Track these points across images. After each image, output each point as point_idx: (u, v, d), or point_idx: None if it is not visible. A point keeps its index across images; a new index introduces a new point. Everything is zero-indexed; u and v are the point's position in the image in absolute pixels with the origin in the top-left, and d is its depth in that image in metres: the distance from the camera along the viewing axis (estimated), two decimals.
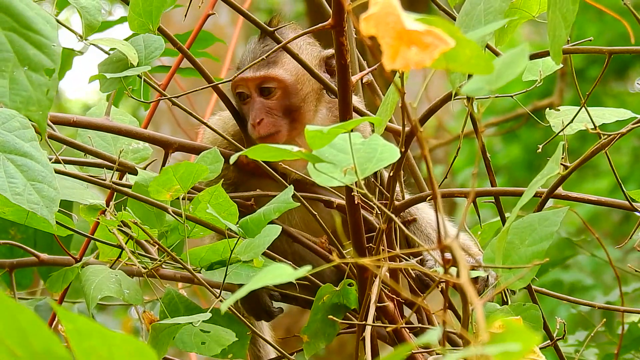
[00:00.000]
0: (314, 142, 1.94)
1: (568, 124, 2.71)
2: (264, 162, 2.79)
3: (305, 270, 1.59)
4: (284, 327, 6.65)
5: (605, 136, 2.54)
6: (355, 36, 3.02)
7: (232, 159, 1.91)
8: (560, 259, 4.93)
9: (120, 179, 2.81)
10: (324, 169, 1.97)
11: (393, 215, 1.92)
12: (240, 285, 2.65)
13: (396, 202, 2.69)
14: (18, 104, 1.95)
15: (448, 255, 1.60)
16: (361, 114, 2.79)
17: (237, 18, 7.39)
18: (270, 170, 2.78)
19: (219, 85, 2.81)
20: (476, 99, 2.62)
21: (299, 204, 2.58)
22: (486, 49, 2.52)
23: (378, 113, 2.35)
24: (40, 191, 2.27)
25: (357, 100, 2.90)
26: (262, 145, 1.99)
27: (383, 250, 2.53)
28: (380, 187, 2.84)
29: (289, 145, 2.05)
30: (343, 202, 2.72)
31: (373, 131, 2.74)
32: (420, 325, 2.76)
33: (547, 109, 2.86)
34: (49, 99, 1.98)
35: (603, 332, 3.71)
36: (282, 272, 1.57)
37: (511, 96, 2.99)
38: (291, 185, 2.59)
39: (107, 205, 2.75)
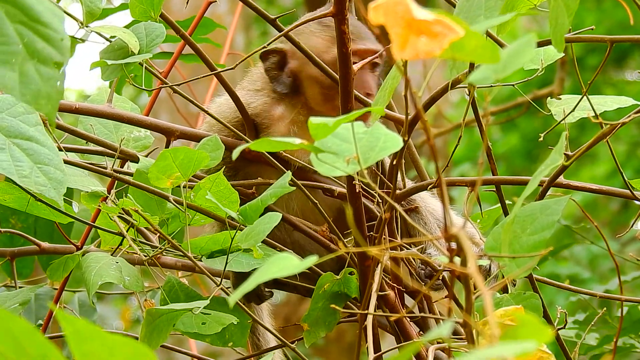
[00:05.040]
0: (317, 133, 1.93)
1: (570, 113, 2.71)
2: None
3: (311, 261, 1.58)
4: (283, 316, 6.66)
5: (607, 125, 2.54)
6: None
7: (235, 154, 1.90)
8: (558, 247, 4.94)
9: (122, 166, 2.81)
10: (326, 158, 1.96)
11: (395, 204, 1.91)
12: (237, 272, 2.67)
13: (397, 191, 2.69)
14: (28, 97, 1.94)
15: (453, 245, 1.59)
16: (362, 102, 2.78)
17: (235, 7, 7.39)
18: (272, 159, 2.77)
19: (221, 72, 2.80)
20: (477, 87, 2.62)
21: (294, 187, 2.58)
22: (488, 37, 2.52)
23: (376, 99, 2.34)
24: (47, 173, 2.28)
25: None
26: (264, 138, 1.99)
27: (385, 239, 2.53)
28: (382, 175, 2.83)
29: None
30: (344, 190, 2.71)
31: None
32: (421, 314, 2.76)
33: (548, 97, 2.86)
34: (58, 92, 1.97)
35: (602, 316, 3.73)
36: (288, 264, 1.56)
37: (512, 85, 3.00)
38: (289, 171, 2.58)
39: (109, 192, 2.75)
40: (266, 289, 2.87)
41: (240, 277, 2.80)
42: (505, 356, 1.16)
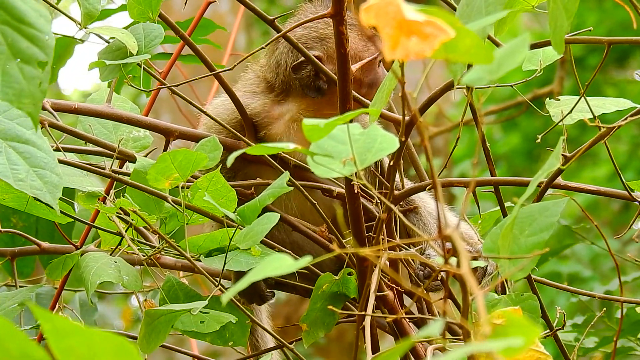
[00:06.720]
0: (312, 135, 1.93)
1: (567, 114, 2.71)
2: None
3: (306, 261, 1.58)
4: (283, 316, 6.67)
5: (605, 128, 2.54)
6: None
7: (230, 161, 1.90)
8: (559, 248, 4.94)
9: (121, 167, 2.81)
10: (323, 160, 1.97)
11: (392, 205, 1.91)
12: (238, 272, 2.67)
13: (396, 192, 2.70)
14: (10, 96, 1.94)
15: (448, 245, 1.59)
16: (360, 102, 2.79)
17: (236, 6, 7.39)
18: (270, 158, 2.78)
19: (221, 72, 2.80)
20: (476, 88, 2.62)
21: (292, 188, 2.58)
22: (486, 38, 2.52)
23: (373, 101, 2.35)
24: (43, 177, 2.28)
25: None
26: (260, 144, 2.00)
27: (383, 239, 2.53)
28: (380, 176, 2.84)
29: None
30: (343, 190, 2.72)
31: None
32: (420, 314, 2.76)
33: (547, 97, 2.86)
34: (41, 92, 1.97)
35: (601, 318, 3.73)
36: (283, 263, 1.56)
37: (511, 86, 3.00)
38: (287, 171, 2.59)
39: (107, 193, 2.75)
40: (268, 290, 2.88)
41: (240, 278, 2.80)
42: (494, 353, 1.17)
